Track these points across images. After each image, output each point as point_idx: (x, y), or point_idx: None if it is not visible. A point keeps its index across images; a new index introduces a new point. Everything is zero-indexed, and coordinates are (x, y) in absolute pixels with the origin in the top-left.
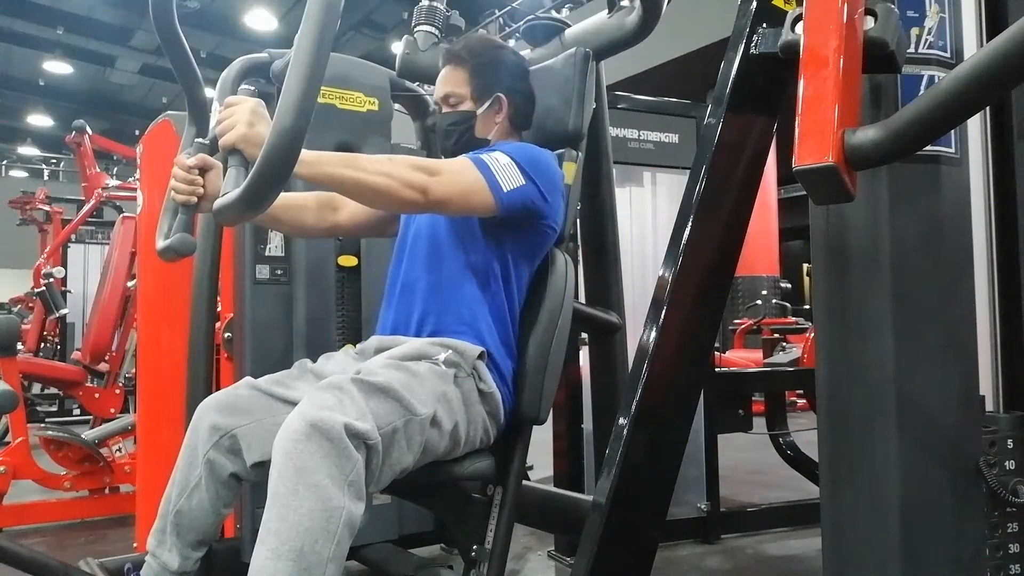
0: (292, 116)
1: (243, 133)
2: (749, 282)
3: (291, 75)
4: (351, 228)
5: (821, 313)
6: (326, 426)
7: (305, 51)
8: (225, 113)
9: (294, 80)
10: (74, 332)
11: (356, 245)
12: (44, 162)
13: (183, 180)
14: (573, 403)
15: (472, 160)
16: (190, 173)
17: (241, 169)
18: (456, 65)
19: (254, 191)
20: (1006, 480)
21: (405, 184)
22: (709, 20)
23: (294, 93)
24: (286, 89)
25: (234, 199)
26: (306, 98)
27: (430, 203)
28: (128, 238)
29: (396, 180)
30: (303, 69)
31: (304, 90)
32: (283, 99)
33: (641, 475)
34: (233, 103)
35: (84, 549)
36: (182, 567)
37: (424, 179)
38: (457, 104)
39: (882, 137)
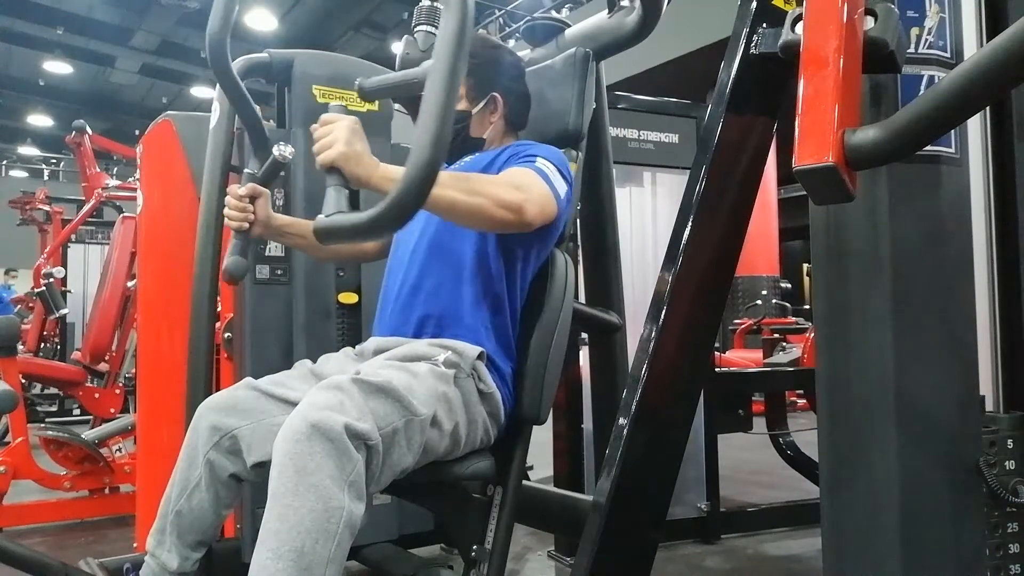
0: (431, 148)
1: (343, 152)
2: (749, 282)
3: (426, 108)
4: (376, 252)
5: (821, 313)
6: (327, 426)
7: (440, 85)
8: (322, 131)
9: (430, 113)
10: (74, 332)
11: (356, 281)
12: (44, 162)
13: (235, 208)
14: (573, 403)
15: (534, 171)
16: (241, 201)
17: (342, 189)
18: None
19: (383, 219)
20: (1006, 480)
21: (498, 204)
22: (709, 20)
23: (431, 126)
24: (422, 122)
25: (354, 223)
26: (443, 130)
27: (521, 223)
28: (128, 238)
29: (490, 199)
30: (439, 101)
31: (441, 123)
32: (420, 132)
33: (641, 475)
34: (330, 120)
35: (84, 549)
36: (181, 567)
37: (518, 198)
38: None
39: (882, 137)
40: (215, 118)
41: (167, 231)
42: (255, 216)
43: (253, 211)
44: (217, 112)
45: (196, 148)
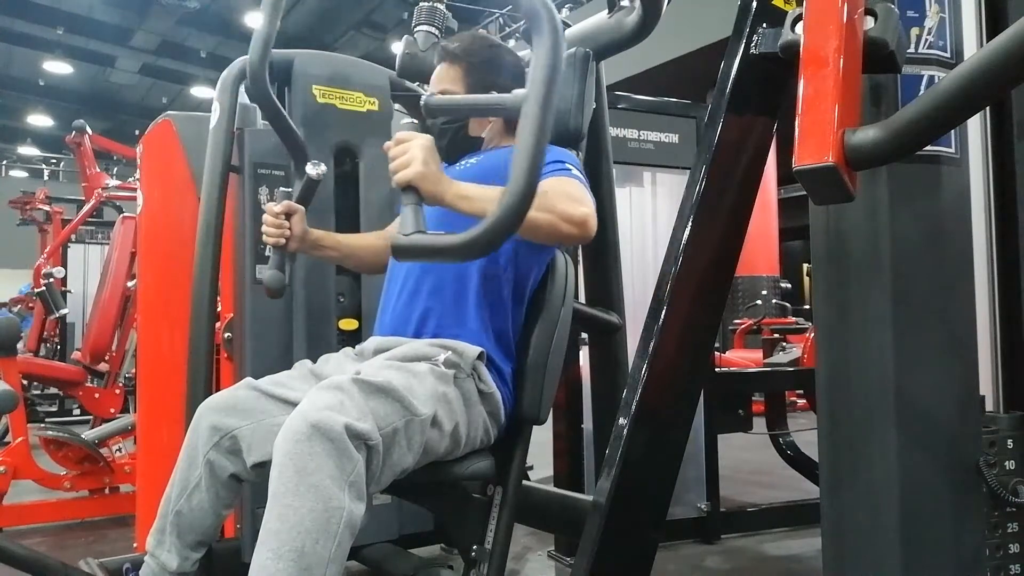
0: (527, 178)
1: (420, 172)
2: (749, 282)
3: (523, 139)
4: None
5: (821, 313)
6: (327, 426)
7: (534, 117)
8: (398, 150)
9: (526, 144)
10: (74, 332)
11: (357, 308)
12: (44, 162)
13: (272, 224)
14: (573, 403)
15: (576, 180)
16: (278, 218)
17: (418, 208)
18: (451, 63)
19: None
20: (1006, 480)
21: (564, 219)
22: (709, 20)
23: (527, 156)
24: (519, 152)
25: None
26: (538, 161)
27: (584, 236)
28: (128, 238)
29: (557, 215)
30: (534, 133)
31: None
32: (518, 161)
33: (641, 475)
34: (405, 139)
35: (84, 549)
36: (181, 567)
37: (583, 213)
38: None
39: (882, 137)
40: (215, 118)
41: (167, 231)
42: (291, 232)
43: (289, 227)
44: (217, 112)
45: (196, 148)
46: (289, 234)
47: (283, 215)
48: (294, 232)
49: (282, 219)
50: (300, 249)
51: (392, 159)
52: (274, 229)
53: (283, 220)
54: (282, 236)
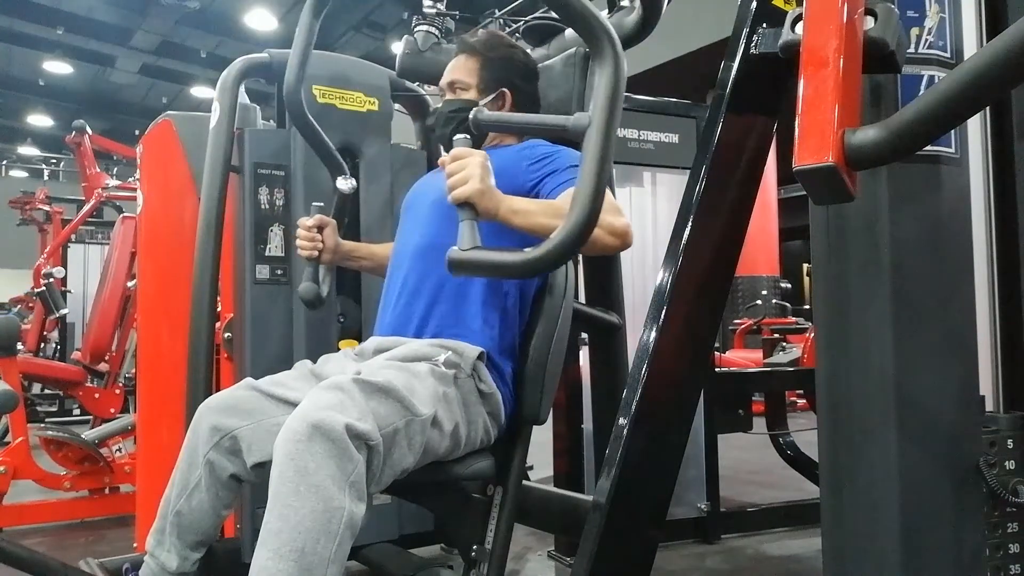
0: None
1: (478, 189)
2: (749, 282)
3: (587, 164)
4: None
5: (821, 313)
6: (328, 427)
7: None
8: (455, 166)
9: (591, 169)
10: (74, 332)
11: (358, 330)
12: (44, 162)
13: (305, 238)
14: (573, 403)
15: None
16: (310, 232)
17: (474, 224)
18: (469, 55)
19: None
20: (1006, 480)
21: (609, 231)
22: (709, 20)
23: (592, 181)
24: (584, 176)
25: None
26: (602, 185)
27: (624, 246)
28: (128, 238)
29: (604, 228)
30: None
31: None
32: (582, 186)
33: (641, 475)
34: (462, 156)
35: (84, 549)
36: (180, 568)
37: (623, 224)
38: (461, 92)
39: (882, 137)
40: (215, 118)
41: (167, 231)
42: (323, 244)
43: (322, 240)
44: (217, 112)
45: (196, 148)
46: (322, 246)
47: (315, 228)
48: (326, 245)
49: (314, 232)
50: (333, 261)
51: (449, 175)
52: (307, 242)
53: (315, 233)
54: (315, 249)
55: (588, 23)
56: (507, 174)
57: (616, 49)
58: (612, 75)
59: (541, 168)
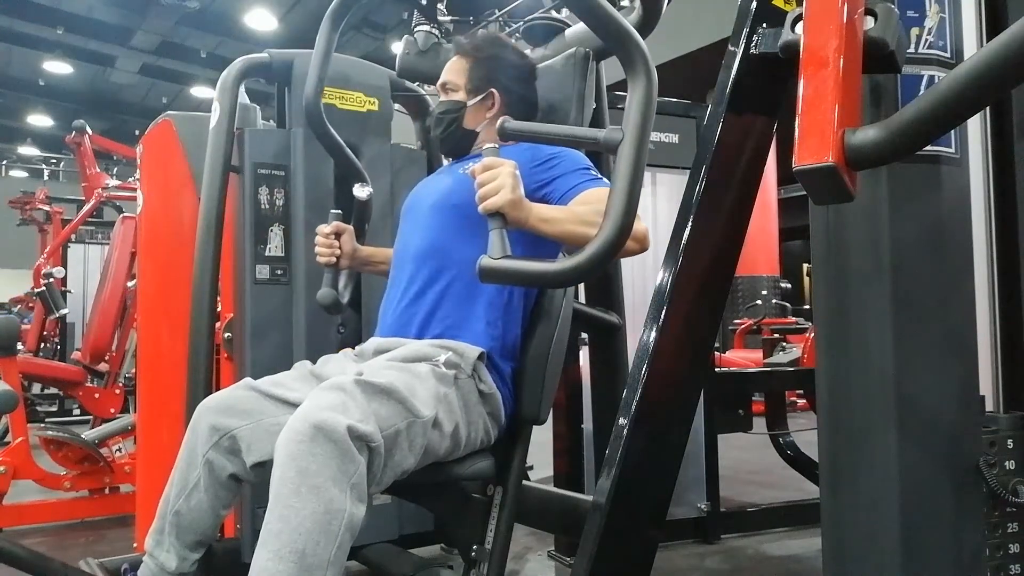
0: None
1: (510, 199)
2: (749, 282)
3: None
4: None
5: (821, 313)
6: (330, 428)
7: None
8: (486, 176)
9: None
10: (74, 332)
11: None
12: (44, 162)
13: (323, 245)
14: (573, 403)
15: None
16: (328, 239)
17: (503, 232)
18: (461, 56)
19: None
20: (1006, 480)
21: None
22: (709, 20)
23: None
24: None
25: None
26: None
27: (643, 250)
28: (128, 238)
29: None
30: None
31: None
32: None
33: (641, 475)
34: (493, 165)
35: (84, 549)
36: (179, 568)
37: (644, 229)
38: (452, 93)
39: (882, 137)
40: (215, 118)
41: (167, 231)
42: (341, 250)
43: (339, 246)
44: (217, 112)
45: (196, 148)
46: (339, 252)
47: (333, 235)
48: (344, 251)
49: (332, 239)
50: (351, 266)
51: (480, 184)
52: (325, 248)
53: (333, 240)
54: (333, 255)
55: (623, 40)
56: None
57: (649, 65)
58: (645, 90)
59: (548, 171)
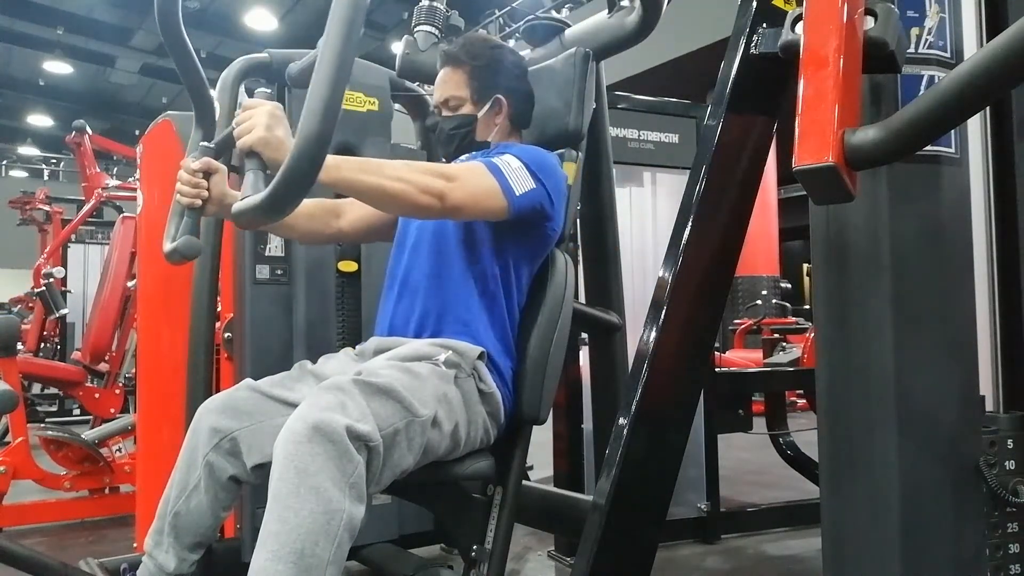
0: (318, 121)
1: (262, 136)
2: (749, 282)
3: (316, 81)
4: (354, 234)
5: (821, 313)
6: (328, 428)
7: (329, 57)
8: (243, 116)
9: (319, 85)
10: (74, 332)
11: (356, 250)
12: (44, 162)
13: (188, 183)
14: (573, 403)
15: (485, 164)
16: (195, 176)
17: (260, 172)
18: (455, 67)
19: (279, 196)
20: (1006, 480)
21: (422, 189)
22: (709, 20)
23: (319, 98)
24: (311, 95)
25: (256, 203)
26: (331, 103)
27: (446, 209)
28: (128, 238)
29: (413, 185)
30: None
31: (329, 95)
32: (308, 105)
33: (641, 475)
34: (251, 106)
35: (84, 549)
36: (178, 568)
37: (441, 185)
38: (457, 107)
39: (882, 137)
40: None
41: None
42: (209, 194)
43: (207, 187)
44: (217, 112)
45: None
46: (207, 195)
47: (200, 173)
48: (212, 194)
49: (199, 177)
50: (219, 214)
51: (237, 124)
52: (189, 188)
53: (200, 179)
54: (198, 197)
55: None
56: None
57: None
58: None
59: (477, 158)
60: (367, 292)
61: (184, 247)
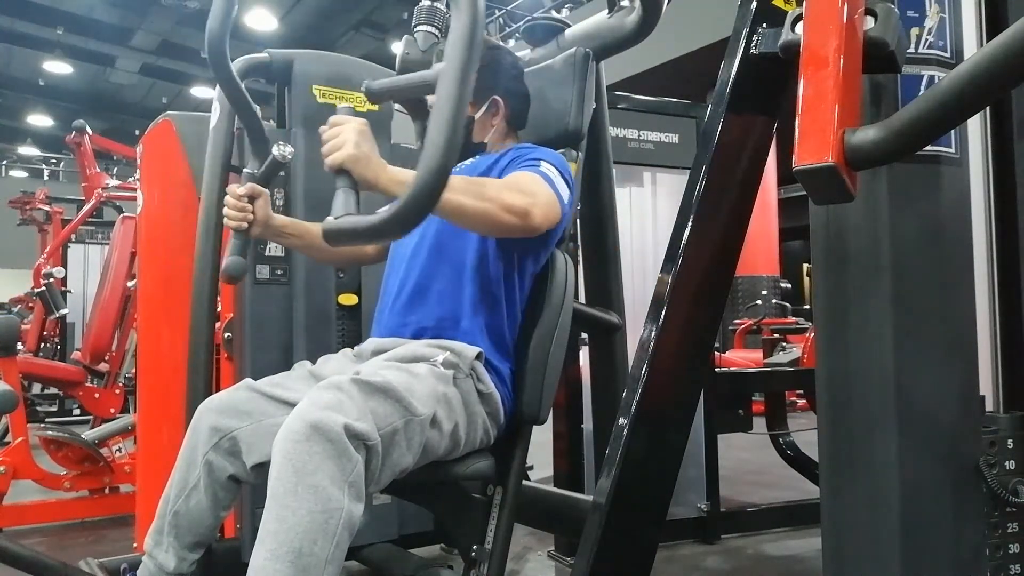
0: (441, 155)
1: (352, 154)
2: (749, 282)
3: (438, 113)
4: (376, 255)
5: (821, 313)
6: (326, 427)
7: (450, 89)
8: (331, 132)
9: (442, 118)
10: (74, 332)
11: (356, 282)
12: (44, 162)
13: (235, 207)
14: (573, 403)
15: (539, 175)
16: (240, 201)
17: (350, 191)
18: None
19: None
20: (1006, 480)
21: (505, 208)
22: (709, 20)
23: (443, 131)
24: (433, 127)
25: (358, 227)
26: (454, 136)
27: (526, 227)
28: (128, 238)
29: (496, 204)
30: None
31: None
32: (431, 138)
33: (641, 475)
34: (338, 122)
35: (84, 549)
36: (178, 568)
37: (525, 203)
38: None
39: (882, 137)
40: (215, 118)
41: (167, 231)
42: (254, 216)
43: (252, 211)
44: (217, 112)
45: (196, 148)
46: (252, 218)
47: (246, 198)
48: (257, 217)
49: (245, 202)
50: (263, 235)
51: (325, 142)
52: (236, 212)
53: (246, 203)
54: (244, 220)
55: None
56: (485, 174)
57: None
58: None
59: (515, 166)
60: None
61: (231, 267)
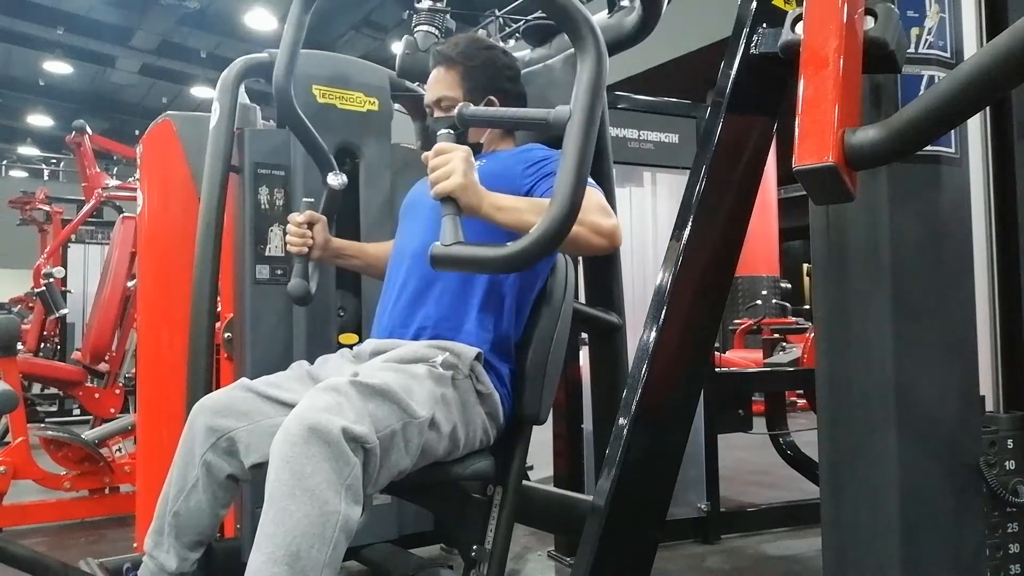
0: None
1: (460, 183)
2: (749, 282)
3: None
4: None
5: (821, 313)
6: (324, 429)
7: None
8: (438, 160)
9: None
10: (74, 332)
11: (356, 322)
12: (44, 162)
13: (295, 234)
14: (573, 403)
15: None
16: (300, 228)
17: (457, 219)
18: (448, 67)
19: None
20: (1006, 480)
21: (597, 231)
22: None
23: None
24: (564, 171)
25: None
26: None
27: (613, 246)
28: (128, 238)
29: (587, 227)
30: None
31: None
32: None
33: (641, 475)
34: (446, 151)
35: (84, 549)
36: (179, 568)
37: (611, 224)
38: (449, 108)
39: (882, 137)
40: (215, 118)
41: (167, 231)
42: (314, 241)
43: (312, 236)
44: (217, 112)
45: (196, 148)
46: (312, 243)
47: (305, 224)
48: (316, 241)
49: (304, 228)
50: (323, 258)
51: (432, 169)
52: (297, 239)
53: (305, 230)
54: (305, 245)
55: (570, 15)
56: (504, 178)
57: (598, 40)
58: (594, 66)
59: (538, 171)
60: (367, 292)
61: (292, 288)
